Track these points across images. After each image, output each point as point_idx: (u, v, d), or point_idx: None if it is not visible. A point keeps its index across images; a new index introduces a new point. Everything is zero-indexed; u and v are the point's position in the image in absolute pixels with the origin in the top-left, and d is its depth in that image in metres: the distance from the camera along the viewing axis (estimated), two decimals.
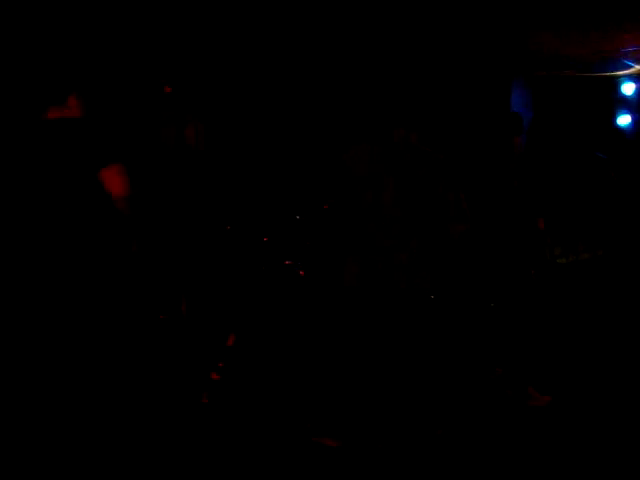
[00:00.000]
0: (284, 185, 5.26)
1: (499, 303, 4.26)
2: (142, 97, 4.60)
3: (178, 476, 3.23)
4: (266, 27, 5.19)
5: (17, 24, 4.40)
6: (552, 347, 4.80)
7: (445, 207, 3.47)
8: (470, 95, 6.00)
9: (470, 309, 4.37)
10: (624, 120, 7.14)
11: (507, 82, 6.23)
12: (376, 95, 4.40)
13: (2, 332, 2.95)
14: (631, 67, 6.57)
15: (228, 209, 4.83)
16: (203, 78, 4.95)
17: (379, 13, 5.14)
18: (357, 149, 3.54)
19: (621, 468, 3.32)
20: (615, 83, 7.01)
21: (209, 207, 4.57)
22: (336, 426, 3.49)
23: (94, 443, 2.89)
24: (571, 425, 3.83)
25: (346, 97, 5.70)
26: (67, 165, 2.83)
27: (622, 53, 6.02)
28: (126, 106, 4.33)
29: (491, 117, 4.53)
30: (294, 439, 3.53)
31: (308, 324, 4.18)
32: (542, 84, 6.99)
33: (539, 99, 7.00)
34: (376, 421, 3.64)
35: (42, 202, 2.85)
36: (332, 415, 3.54)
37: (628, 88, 6.98)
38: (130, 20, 4.60)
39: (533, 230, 4.33)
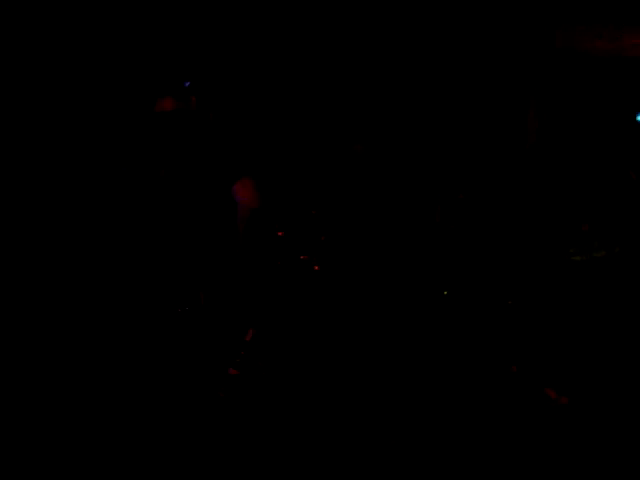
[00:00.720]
0: (300, 179, 5.24)
1: (515, 301, 4.26)
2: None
3: (194, 470, 3.25)
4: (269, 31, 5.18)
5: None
6: (569, 346, 4.78)
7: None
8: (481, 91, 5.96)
9: (485, 306, 4.37)
10: None
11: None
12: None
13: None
14: None
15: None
16: (215, 77, 4.96)
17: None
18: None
19: (636, 469, 3.33)
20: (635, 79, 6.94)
21: (225, 201, 4.57)
22: (356, 423, 3.51)
23: (109, 434, 2.91)
24: (589, 427, 3.83)
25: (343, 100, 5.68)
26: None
27: None
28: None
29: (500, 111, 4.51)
30: (310, 435, 3.54)
31: (325, 319, 4.18)
32: (558, 77, 6.94)
33: (555, 92, 6.95)
34: (390, 419, 3.65)
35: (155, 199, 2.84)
36: (350, 412, 3.55)
37: None
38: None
39: (548, 227, 4.32)
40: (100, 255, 2.90)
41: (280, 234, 4.53)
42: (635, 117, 7.01)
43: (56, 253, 2.97)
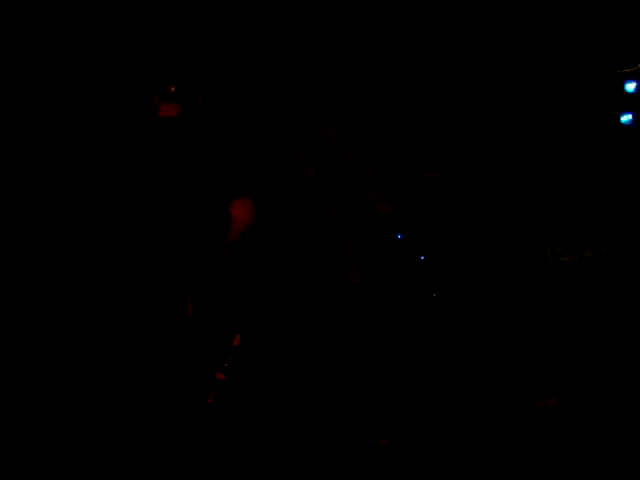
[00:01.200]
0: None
1: (502, 303, 4.26)
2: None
3: (182, 477, 3.22)
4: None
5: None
6: (557, 347, 4.79)
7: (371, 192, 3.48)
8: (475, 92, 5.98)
9: (473, 309, 4.37)
10: (626, 118, 7.11)
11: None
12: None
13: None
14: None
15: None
16: (209, 80, 4.91)
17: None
18: (301, 155, 3.56)
19: (627, 470, 3.32)
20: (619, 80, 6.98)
21: (214, 206, 4.54)
22: (340, 426, 3.50)
23: (96, 444, 2.89)
24: (577, 427, 3.83)
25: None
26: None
27: None
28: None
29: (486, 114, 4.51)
30: (301, 440, 3.53)
31: (312, 323, 4.17)
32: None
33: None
34: (377, 420, 3.65)
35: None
36: (337, 415, 3.53)
37: (630, 86, 6.97)
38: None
39: (533, 229, 4.32)
40: (90, 259, 2.87)
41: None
42: (618, 118, 7.05)
43: (46, 257, 2.94)
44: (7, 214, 3.06)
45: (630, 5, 5.00)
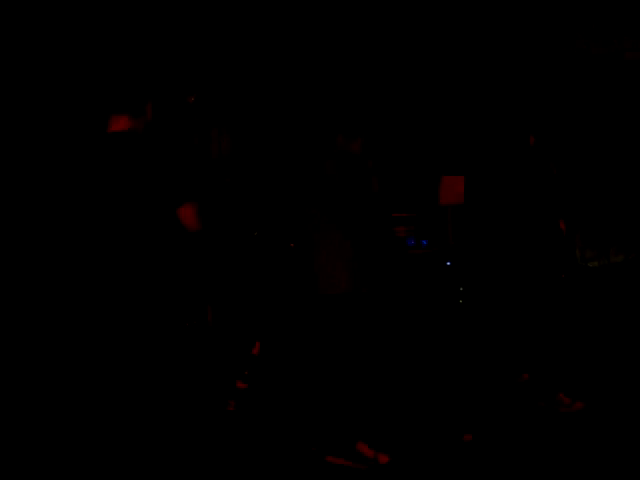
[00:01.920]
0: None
1: (528, 307, 4.19)
2: (168, 108, 4.63)
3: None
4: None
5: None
6: (583, 352, 4.71)
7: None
8: (486, 92, 5.95)
9: (497, 312, 4.32)
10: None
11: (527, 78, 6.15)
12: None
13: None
14: None
15: (254, 215, 4.83)
16: (226, 87, 4.97)
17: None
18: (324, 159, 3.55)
19: None
20: None
21: (235, 214, 4.58)
22: (363, 436, 3.47)
23: (116, 450, 2.90)
24: (604, 433, 3.75)
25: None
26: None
27: None
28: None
29: (507, 114, 4.47)
30: (318, 448, 3.51)
31: (332, 331, 4.16)
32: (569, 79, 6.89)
33: (566, 93, 6.90)
34: (403, 429, 3.61)
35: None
36: (358, 425, 3.50)
37: None
38: (155, 29, 4.63)
39: (559, 232, 4.26)
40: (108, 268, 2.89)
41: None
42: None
43: (59, 262, 2.98)
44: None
45: None
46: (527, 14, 5.28)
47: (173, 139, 2.80)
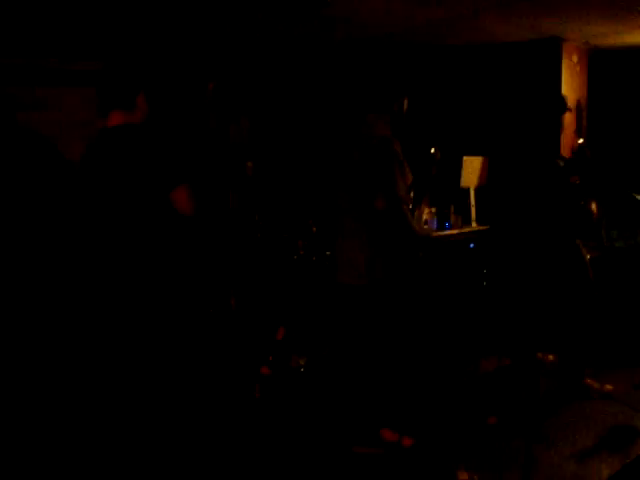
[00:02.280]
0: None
1: (554, 289, 4.14)
2: (187, 95, 4.61)
3: (231, 469, 3.25)
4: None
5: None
6: (610, 333, 4.65)
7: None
8: (516, 77, 5.87)
9: (524, 294, 4.27)
10: None
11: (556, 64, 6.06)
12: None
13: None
14: None
15: (277, 203, 4.82)
16: (246, 75, 4.94)
17: None
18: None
19: None
20: None
21: (256, 202, 4.57)
22: (393, 421, 3.46)
23: (143, 435, 2.92)
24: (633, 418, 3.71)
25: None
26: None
27: None
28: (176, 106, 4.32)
29: (537, 98, 4.38)
30: (347, 434, 3.50)
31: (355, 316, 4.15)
32: (599, 61, 6.76)
33: (595, 77, 6.78)
34: (427, 412, 3.60)
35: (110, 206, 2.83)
36: (386, 410, 3.50)
37: None
38: (173, 19, 4.61)
39: (589, 214, 4.19)
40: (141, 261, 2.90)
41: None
42: None
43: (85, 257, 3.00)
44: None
45: None
46: None
47: (182, 126, 2.79)
